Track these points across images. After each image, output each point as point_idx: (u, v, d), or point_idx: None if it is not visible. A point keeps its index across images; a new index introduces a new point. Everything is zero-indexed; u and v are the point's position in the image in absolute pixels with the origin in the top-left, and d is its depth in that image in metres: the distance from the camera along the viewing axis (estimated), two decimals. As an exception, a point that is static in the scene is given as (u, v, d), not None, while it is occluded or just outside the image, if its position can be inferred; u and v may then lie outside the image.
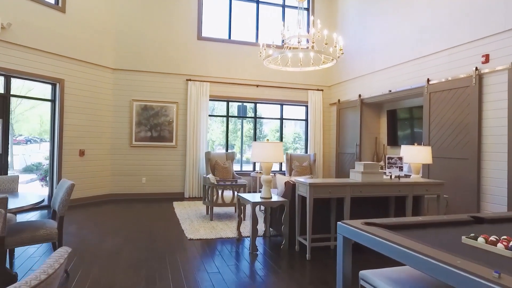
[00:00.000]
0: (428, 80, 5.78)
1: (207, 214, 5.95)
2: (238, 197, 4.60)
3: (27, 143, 7.24)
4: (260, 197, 4.30)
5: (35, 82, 6.29)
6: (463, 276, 1.33)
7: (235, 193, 5.60)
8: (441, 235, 2.00)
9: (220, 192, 5.62)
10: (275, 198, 4.32)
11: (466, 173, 5.05)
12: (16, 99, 6.45)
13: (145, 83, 7.75)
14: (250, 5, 8.62)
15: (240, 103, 8.75)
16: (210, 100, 8.18)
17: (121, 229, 4.95)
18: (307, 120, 9.04)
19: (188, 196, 7.82)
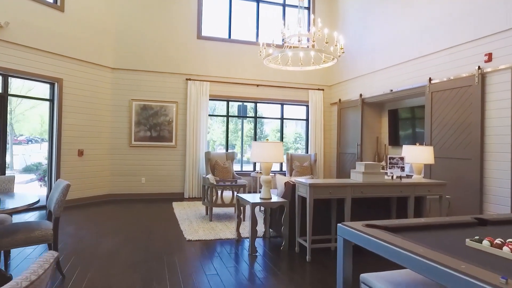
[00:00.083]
0: (430, 79, 5.72)
1: (206, 214, 5.90)
2: (237, 197, 4.55)
3: (28, 143, 7.20)
4: (259, 197, 4.24)
5: (34, 81, 6.25)
6: (469, 281, 1.27)
7: (235, 194, 5.55)
8: (444, 237, 1.94)
9: (219, 192, 5.57)
10: (274, 198, 4.27)
11: (468, 173, 4.98)
12: (16, 99, 6.41)
13: (145, 83, 7.70)
14: (250, 4, 8.56)
15: (240, 103, 8.69)
16: (210, 99, 8.13)
17: (119, 229, 4.90)
18: (307, 120, 8.98)
19: (187, 196, 7.77)
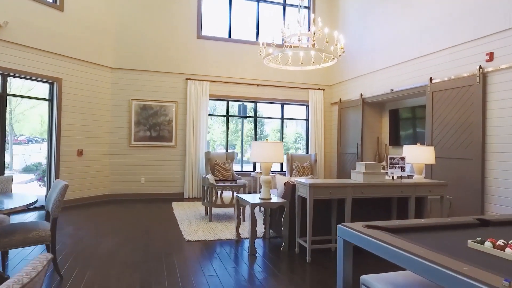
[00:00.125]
0: (430, 79, 5.68)
1: (206, 215, 5.87)
2: (237, 198, 4.52)
3: (29, 143, 7.18)
4: (259, 198, 4.22)
5: (34, 81, 6.22)
6: (471, 284, 1.24)
7: (235, 194, 5.52)
8: (445, 238, 1.91)
9: (219, 192, 5.54)
10: (274, 199, 4.24)
11: (469, 173, 4.95)
12: (16, 99, 6.39)
13: (144, 82, 7.67)
14: (250, 4, 8.53)
15: (240, 103, 8.67)
16: (210, 99, 8.10)
17: (118, 230, 4.87)
18: (308, 119, 8.95)
19: (187, 196, 7.74)
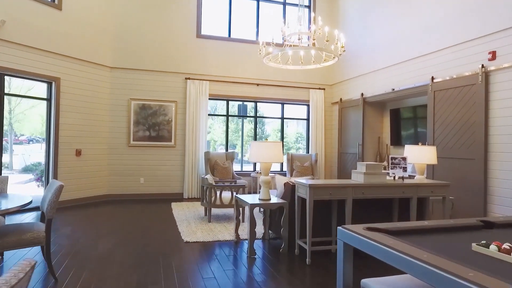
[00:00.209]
0: (432, 78, 5.62)
1: (205, 215, 5.81)
2: (236, 198, 4.46)
3: (29, 142, 7.14)
4: (258, 198, 4.16)
5: (33, 81, 6.17)
6: (477, 291, 1.18)
7: (234, 194, 5.46)
8: (449, 241, 1.85)
9: (218, 193, 5.48)
10: (274, 199, 4.18)
11: (472, 174, 4.89)
12: (16, 99, 6.35)
13: (143, 82, 7.62)
14: (250, 3, 8.47)
15: (240, 102, 8.61)
16: (209, 99, 8.04)
17: (116, 230, 4.82)
18: (308, 119, 8.89)
19: (187, 196, 7.69)
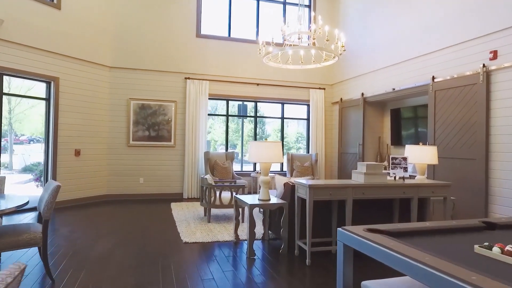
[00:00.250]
0: (433, 77, 5.59)
1: (204, 215, 5.78)
2: (235, 198, 4.43)
3: (30, 142, 7.11)
4: (258, 199, 4.13)
5: (31, 80, 6.14)
6: (481, 295, 1.15)
7: (234, 194, 5.43)
8: (450, 243, 1.82)
9: (218, 193, 5.45)
10: (273, 200, 4.15)
11: (473, 174, 4.85)
12: (15, 98, 6.32)
13: (143, 82, 7.59)
14: (250, 2, 8.44)
15: (240, 102, 8.58)
16: (209, 99, 8.01)
17: (115, 231, 4.79)
18: (308, 119, 8.85)
19: (187, 197, 7.66)
